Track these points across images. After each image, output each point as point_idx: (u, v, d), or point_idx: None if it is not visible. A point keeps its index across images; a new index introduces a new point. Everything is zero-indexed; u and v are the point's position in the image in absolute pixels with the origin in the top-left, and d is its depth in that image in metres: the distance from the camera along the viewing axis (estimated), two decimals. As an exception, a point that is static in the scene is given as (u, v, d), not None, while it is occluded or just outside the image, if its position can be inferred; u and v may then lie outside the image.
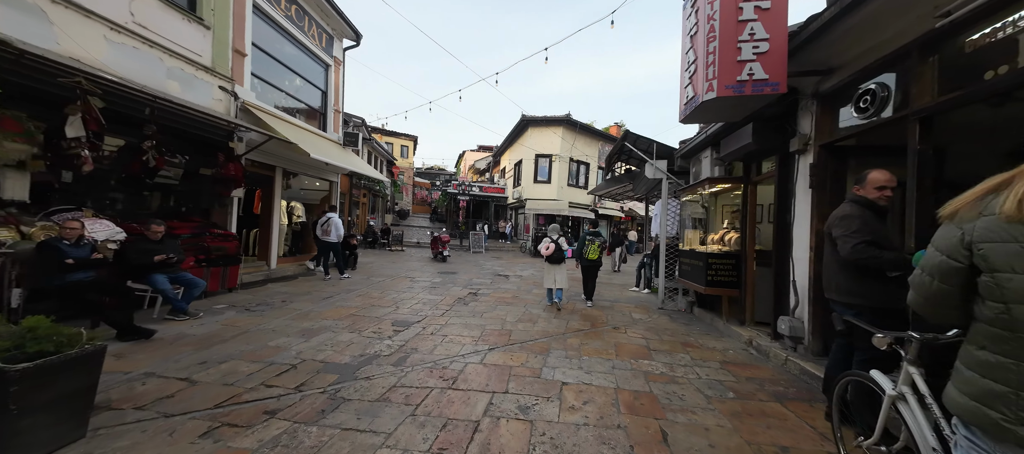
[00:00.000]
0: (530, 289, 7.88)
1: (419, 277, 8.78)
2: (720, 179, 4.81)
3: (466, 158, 36.47)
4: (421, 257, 13.52)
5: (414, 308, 5.52)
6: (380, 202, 22.28)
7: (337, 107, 9.69)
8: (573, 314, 5.59)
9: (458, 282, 8.30)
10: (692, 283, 5.16)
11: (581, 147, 19.26)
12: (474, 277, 9.30)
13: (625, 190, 9.47)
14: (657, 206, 6.62)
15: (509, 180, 21.91)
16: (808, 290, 3.33)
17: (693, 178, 5.65)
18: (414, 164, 34.66)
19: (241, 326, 4.26)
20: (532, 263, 13.49)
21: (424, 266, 11.02)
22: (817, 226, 3.27)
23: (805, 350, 3.35)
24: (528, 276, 10.05)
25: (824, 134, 3.29)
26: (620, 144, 6.62)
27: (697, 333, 4.66)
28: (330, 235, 7.60)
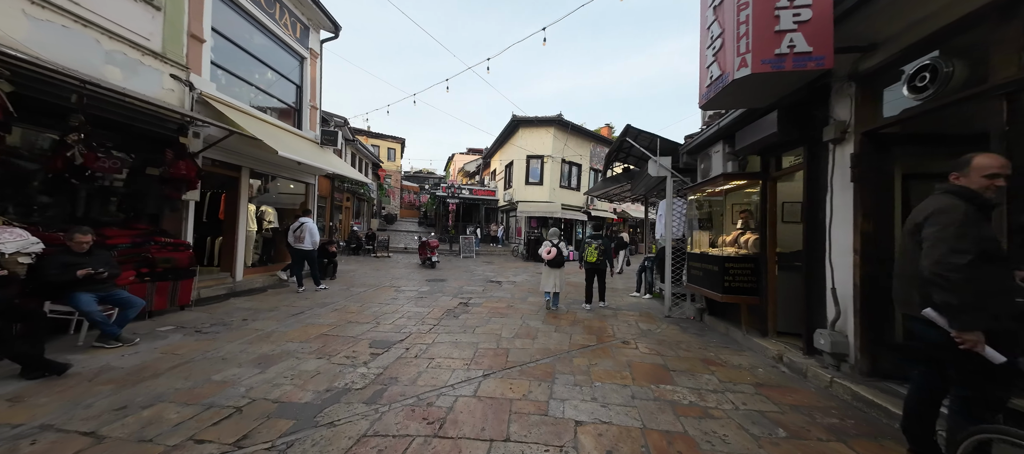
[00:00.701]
0: (525, 297, 7.32)
1: (405, 286, 8.12)
2: (735, 175, 4.38)
3: (455, 161, 35.80)
4: (408, 263, 12.81)
5: (397, 324, 4.90)
6: (365, 206, 21.41)
7: (313, 103, 8.97)
8: (575, 325, 5.06)
9: (447, 291, 7.68)
10: (705, 289, 4.70)
11: (573, 148, 18.89)
12: (465, 284, 8.69)
13: (623, 190, 9.05)
14: (661, 206, 6.19)
15: (500, 182, 21.37)
16: (853, 299, 2.89)
17: (701, 175, 5.23)
18: (402, 167, 33.79)
19: (184, 353, 3.56)
20: (525, 267, 12.94)
21: (411, 273, 10.34)
22: (863, 225, 2.83)
23: (851, 370, 2.90)
24: (522, 282, 9.50)
25: (867, 120, 2.86)
26: (621, 140, 6.17)
27: (715, 346, 4.18)
28: (304, 242, 6.89)
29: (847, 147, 3.00)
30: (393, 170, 29.83)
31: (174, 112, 5.12)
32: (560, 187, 18.48)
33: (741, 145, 4.10)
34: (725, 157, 4.69)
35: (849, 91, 2.99)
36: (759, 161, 4.25)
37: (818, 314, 3.30)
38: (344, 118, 14.74)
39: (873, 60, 2.81)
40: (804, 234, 3.46)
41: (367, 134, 28.24)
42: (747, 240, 4.44)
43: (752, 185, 4.47)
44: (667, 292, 5.82)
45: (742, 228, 4.73)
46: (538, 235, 16.02)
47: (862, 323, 2.80)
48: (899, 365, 2.70)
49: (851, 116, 2.95)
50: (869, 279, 2.78)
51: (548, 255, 5.95)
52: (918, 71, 2.48)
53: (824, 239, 3.25)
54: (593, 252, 6.21)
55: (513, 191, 18.50)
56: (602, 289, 6.33)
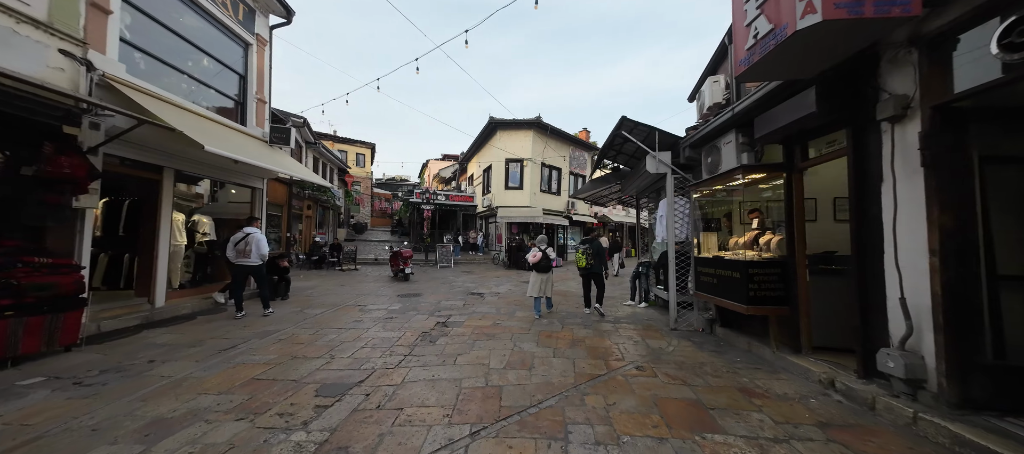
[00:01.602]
0: (513, 311, 6.50)
1: (373, 304, 7.07)
2: (754, 168, 3.84)
3: (430, 167, 34.59)
4: (379, 276, 11.64)
5: (358, 356, 3.94)
6: (331, 215, 19.82)
7: (261, 96, 7.82)
8: (575, 347, 4.31)
9: (423, 307, 6.73)
10: (722, 299, 4.11)
11: (552, 152, 18.44)
12: (443, 298, 7.75)
13: (612, 191, 8.51)
14: (661, 206, 5.62)
15: (478, 187, 20.53)
16: (932, 312, 2.32)
17: (707, 171, 4.71)
18: (372, 174, 32.15)
19: (39, 423, 2.47)
20: (508, 276, 12.13)
21: (381, 288, 9.24)
22: (941, 219, 2.28)
23: (934, 400, 2.32)
24: (506, 293, 8.67)
25: (937, 91, 2.34)
26: (615, 133, 5.58)
27: (744, 368, 3.56)
28: (250, 256, 5.75)
29: (911, 126, 2.48)
30: (363, 176, 28.19)
31: (60, 95, 3.96)
32: (541, 191, 17.91)
33: (763, 132, 3.56)
34: (739, 148, 4.16)
35: (909, 59, 2.48)
36: (781, 151, 3.73)
37: (876, 329, 2.73)
38: (303, 118, 13.44)
39: (942, 19, 2.31)
40: (853, 233, 2.91)
41: (333, 139, 26.63)
42: (769, 241, 3.90)
43: (772, 178, 3.95)
44: (672, 302, 5.22)
45: (759, 228, 4.21)
46: (520, 241, 15.29)
47: (947, 341, 2.23)
48: (997, 393, 2.14)
49: (916, 88, 2.43)
50: (953, 286, 2.23)
51: (533, 259, 6.05)
52: (1013, 24, 1.96)
53: (880, 239, 2.71)
54: (581, 257, 6.13)
55: (492, 196, 17.72)
56: (599, 293, 6.16)
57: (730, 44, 5.22)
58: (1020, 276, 2.25)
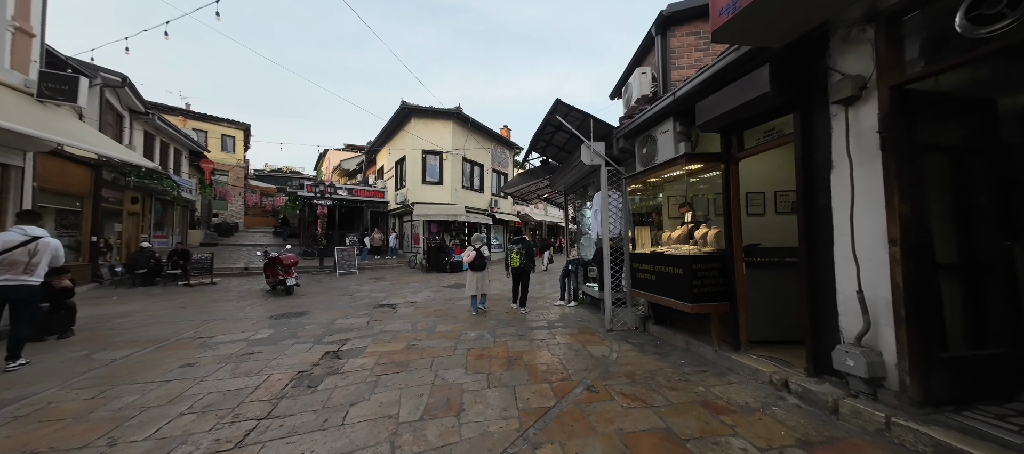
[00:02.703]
0: (433, 325, 5.37)
1: (226, 334, 5.07)
2: (697, 157, 3.61)
3: (329, 158, 29.92)
4: (248, 292, 8.97)
5: (166, 435, 2.38)
6: (177, 212, 15.07)
7: (23, 23, 4.96)
8: (514, 367, 3.49)
9: (306, 331, 5.07)
10: (663, 297, 3.81)
11: (474, 146, 17.53)
12: (339, 316, 6.11)
13: (540, 186, 8.05)
14: (596, 201, 5.25)
15: (390, 181, 18.27)
16: (893, 306, 2.19)
17: (642, 162, 4.46)
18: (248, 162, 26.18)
19: None
20: (427, 281, 10.72)
21: (248, 308, 6.96)
22: (900, 207, 2.16)
23: (897, 399, 2.19)
24: (425, 302, 7.42)
25: (895, 71, 2.23)
26: (549, 117, 4.98)
27: (694, 373, 3.25)
28: (34, 271, 3.38)
29: (865, 108, 2.35)
30: (231, 164, 22.53)
31: None
32: (463, 188, 16.82)
33: (706, 118, 3.32)
34: (676, 137, 3.93)
35: (865, 37, 2.35)
36: (718, 141, 3.57)
37: (827, 325, 2.61)
38: (122, 75, 9.60)
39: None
40: (800, 224, 2.77)
41: (185, 113, 20.67)
42: (706, 235, 3.74)
43: (709, 169, 3.81)
44: (607, 302, 4.87)
45: (692, 222, 4.06)
46: (441, 241, 13.95)
47: (910, 336, 2.11)
48: (955, 388, 2.07)
49: (873, 68, 2.29)
50: (914, 278, 2.11)
51: (468, 258, 6.04)
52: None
53: (830, 229, 2.58)
54: (516, 257, 6.08)
55: (407, 191, 15.88)
56: (525, 293, 6.25)
57: (657, 35, 5.12)
58: (954, 265, 2.27)
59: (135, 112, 11.71)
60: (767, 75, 2.67)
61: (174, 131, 14.06)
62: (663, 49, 4.88)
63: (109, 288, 9.05)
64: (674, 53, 4.88)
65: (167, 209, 14.35)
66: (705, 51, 4.89)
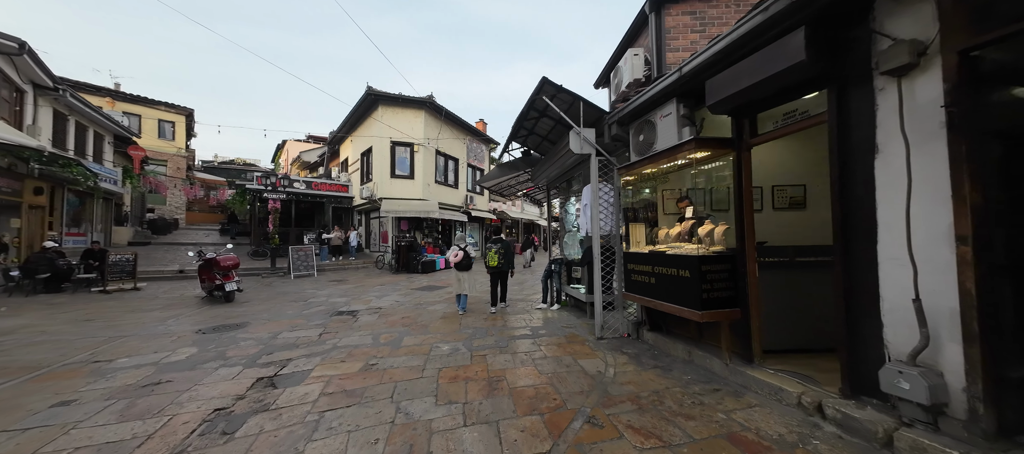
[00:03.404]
0: (400, 337, 4.63)
1: (132, 354, 4.07)
2: (708, 142, 3.16)
3: (289, 149, 27.63)
4: (179, 299, 7.69)
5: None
6: (100, 206, 13.00)
7: None
8: (495, 390, 2.88)
9: (239, 350, 4.17)
10: (668, 304, 3.35)
11: (448, 139, 16.62)
12: (285, 328, 5.20)
13: (520, 180, 7.46)
14: (585, 194, 4.73)
15: (355, 175, 16.94)
16: (962, 318, 1.81)
17: (638, 150, 3.99)
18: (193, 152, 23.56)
19: None
20: (395, 284, 9.81)
21: (171, 319, 5.83)
22: (972, 196, 1.76)
23: (964, 429, 1.81)
24: (392, 308, 6.61)
25: (962, 31, 1.83)
26: (534, 98, 4.38)
27: (706, 392, 2.79)
28: None
29: (925, 79, 1.96)
30: (170, 153, 20.02)
31: None
32: (436, 183, 15.89)
33: (719, 97, 2.86)
34: (680, 121, 3.47)
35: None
36: (730, 124, 3.14)
37: (867, 338, 2.22)
38: (20, 41, 7.89)
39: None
40: (835, 220, 2.37)
41: (115, 95, 18.13)
42: (712, 232, 3.31)
43: (715, 158, 3.39)
44: (598, 307, 4.37)
45: (695, 218, 3.64)
46: (412, 240, 13.00)
47: (985, 355, 1.73)
48: None
49: (935, 29, 1.89)
50: (989, 283, 1.73)
51: (455, 258, 6.00)
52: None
53: (873, 225, 2.19)
54: (494, 257, 5.98)
55: (375, 185, 14.72)
56: (503, 291, 6.23)
57: (651, 13, 4.68)
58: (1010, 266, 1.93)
59: (41, 87, 9.79)
60: (802, 40, 2.22)
61: (93, 112, 12.03)
62: (657, 29, 4.44)
63: (1, 295, 7.40)
64: (669, 34, 4.46)
65: (85, 202, 12.28)
66: (702, 33, 4.51)
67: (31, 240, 9.31)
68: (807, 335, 3.21)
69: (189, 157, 22.76)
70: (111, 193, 13.25)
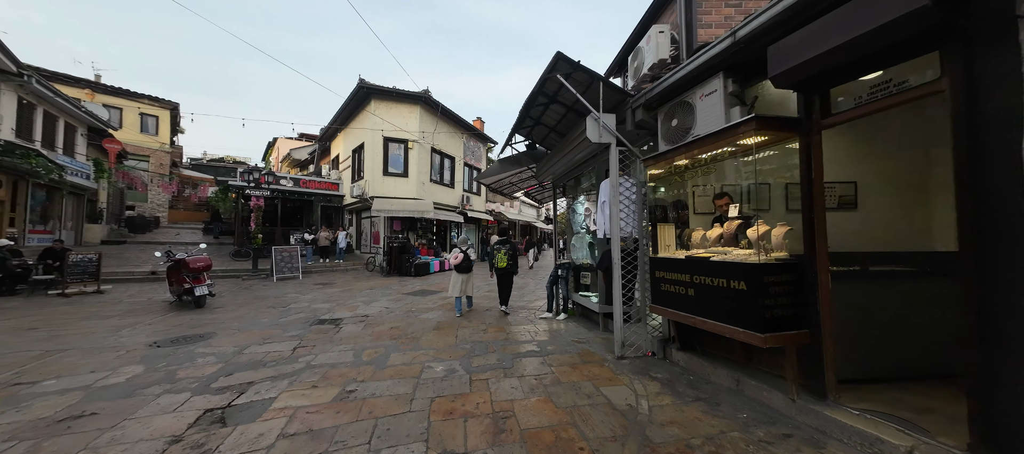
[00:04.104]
0: (386, 353, 3.97)
1: (64, 374, 3.40)
2: (771, 122, 2.55)
3: (279, 147, 26.82)
4: (145, 303, 6.95)
5: None
6: (69, 202, 12.12)
7: None
8: (501, 428, 2.23)
9: (193, 369, 3.49)
10: (717, 323, 2.75)
11: (444, 136, 15.99)
12: (256, 340, 4.51)
13: (523, 177, 6.84)
14: (603, 190, 4.13)
15: (346, 172, 16.22)
16: None
17: (669, 138, 3.40)
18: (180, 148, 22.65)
19: None
20: (386, 287, 9.12)
21: (127, 328, 5.11)
22: None
23: None
24: (380, 315, 5.94)
25: None
26: (547, 77, 3.75)
27: (775, 439, 2.18)
28: None
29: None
30: (153, 148, 19.14)
31: None
32: (431, 182, 15.23)
33: (787, 65, 2.28)
34: (727, 100, 2.89)
35: None
36: (798, 102, 2.56)
37: (1010, 376, 1.62)
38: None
39: None
40: (962, 218, 1.78)
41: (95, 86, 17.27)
42: (768, 234, 2.72)
43: (774, 143, 2.80)
44: (617, 319, 3.75)
45: (740, 217, 3.04)
46: (404, 242, 12.32)
47: None
48: None
49: None
50: None
51: (455, 260, 5.90)
52: None
53: (1020, 224, 1.59)
54: (503, 258, 5.81)
55: (366, 183, 14.02)
56: (508, 292, 6.03)
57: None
58: None
59: (4, 72, 8.97)
60: (922, -21, 1.64)
61: (64, 101, 11.19)
62: (687, 1, 3.87)
63: (-66, 302, 6.59)
64: (701, 8, 3.89)
65: (53, 198, 11.41)
66: (737, 7, 3.94)
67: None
68: (888, 362, 2.64)
69: (174, 153, 21.82)
70: (82, 188, 12.38)
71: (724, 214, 3.25)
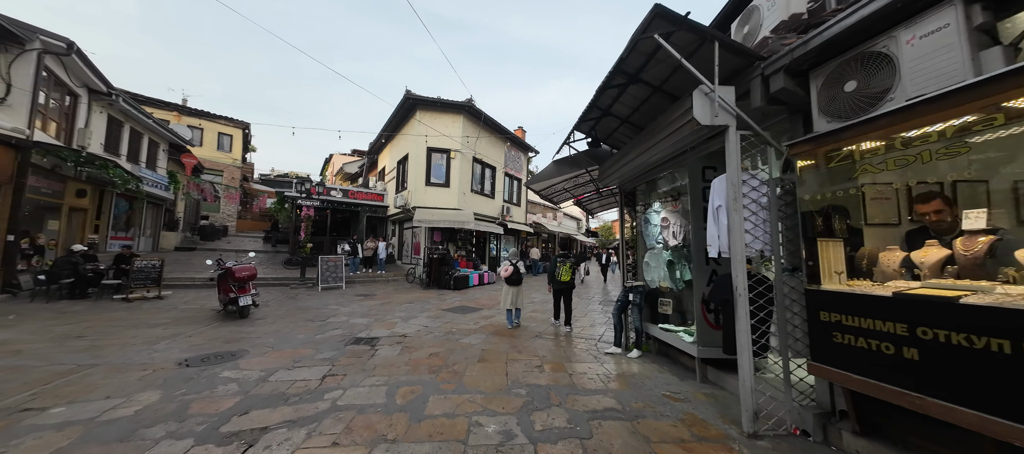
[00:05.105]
0: (424, 395, 3.15)
1: (77, 399, 2.97)
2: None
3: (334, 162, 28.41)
4: (196, 311, 6.92)
5: None
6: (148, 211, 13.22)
7: None
8: None
9: (209, 402, 2.92)
10: (992, 419, 1.55)
11: (485, 146, 15.55)
12: (287, 362, 3.96)
13: (580, 181, 5.88)
14: (716, 190, 3.03)
15: (391, 184, 16.33)
16: None
17: (837, 109, 2.28)
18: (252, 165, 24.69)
19: None
20: (425, 301, 8.53)
21: (167, 341, 4.84)
22: None
23: None
24: (419, 335, 5.23)
25: None
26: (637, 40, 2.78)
27: None
28: None
29: None
30: (227, 164, 20.95)
31: None
32: (471, 192, 14.76)
33: None
34: (973, 38, 1.75)
35: None
36: None
37: None
38: (68, 41, 7.83)
39: None
40: None
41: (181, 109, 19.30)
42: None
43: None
44: (746, 379, 2.60)
45: (990, 232, 1.83)
46: (444, 253, 11.81)
47: None
48: None
49: None
50: None
51: (505, 272, 5.89)
52: None
53: None
54: (567, 271, 5.83)
55: (409, 194, 13.86)
56: (569, 309, 5.88)
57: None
58: None
59: (96, 92, 9.99)
60: None
61: (148, 120, 12.34)
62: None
63: (24, 301, 7.09)
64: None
65: (134, 207, 12.53)
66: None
67: (70, 243, 9.26)
68: None
69: (245, 169, 23.87)
70: (160, 199, 13.53)
71: (942, 225, 2.04)
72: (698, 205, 3.73)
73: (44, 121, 8.29)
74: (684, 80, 3.29)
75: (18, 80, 7.13)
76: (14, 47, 7.13)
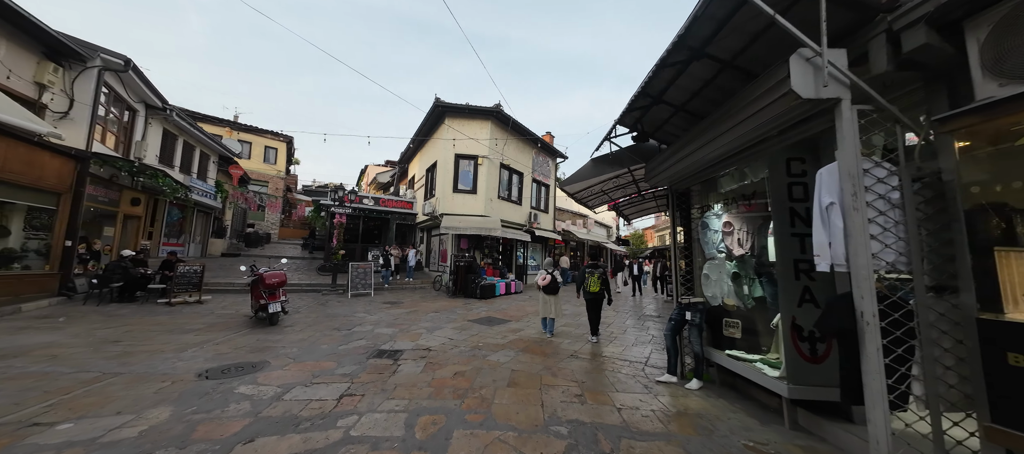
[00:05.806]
0: (447, 427, 2.65)
1: (88, 414, 2.76)
2: None
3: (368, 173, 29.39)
4: (231, 316, 6.95)
5: None
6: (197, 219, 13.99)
7: None
8: None
9: (204, 433, 2.59)
10: None
11: (513, 151, 15.19)
12: (306, 376, 3.66)
13: (622, 181, 5.25)
14: (825, 182, 2.35)
15: (420, 192, 16.37)
16: None
17: (1001, 69, 1.60)
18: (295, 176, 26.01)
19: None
20: (451, 311, 8.15)
21: (195, 348, 4.74)
22: None
23: None
24: (444, 349, 4.80)
25: None
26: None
27: None
28: None
29: None
30: (272, 175, 22.17)
31: None
32: (498, 198, 14.40)
33: None
34: None
35: None
36: None
37: None
38: (126, 58, 8.37)
39: None
40: None
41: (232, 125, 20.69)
42: None
43: None
44: (878, 436, 1.89)
45: None
46: (470, 261, 11.46)
47: None
48: None
49: None
50: None
51: (543, 282, 5.81)
52: None
53: None
54: (596, 282, 5.67)
55: (437, 201, 13.74)
56: (597, 319, 5.77)
57: None
58: None
59: (152, 107, 10.73)
60: None
61: (199, 133, 13.16)
62: None
63: (77, 303, 7.50)
64: None
65: (186, 214, 13.34)
66: None
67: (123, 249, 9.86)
68: None
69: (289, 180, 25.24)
70: (209, 207, 14.36)
71: None
72: (783, 205, 3.02)
73: (103, 134, 8.91)
74: (768, 50, 2.65)
75: (80, 95, 7.68)
76: (77, 64, 7.70)
